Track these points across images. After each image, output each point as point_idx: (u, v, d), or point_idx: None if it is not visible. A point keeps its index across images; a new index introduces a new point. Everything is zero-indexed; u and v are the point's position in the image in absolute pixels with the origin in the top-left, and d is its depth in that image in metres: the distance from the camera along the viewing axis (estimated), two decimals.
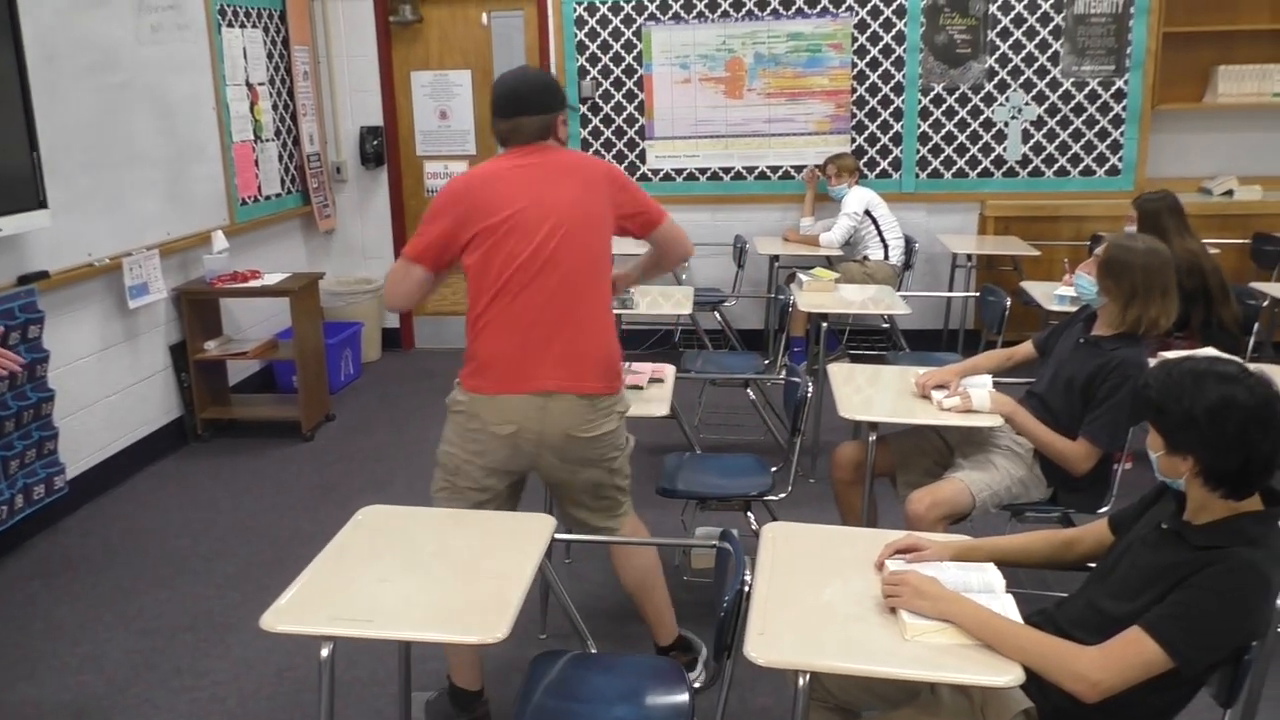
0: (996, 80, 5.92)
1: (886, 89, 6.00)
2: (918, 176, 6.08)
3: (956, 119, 5.99)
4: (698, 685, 2.76)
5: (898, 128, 6.04)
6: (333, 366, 5.49)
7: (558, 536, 2.34)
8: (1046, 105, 5.92)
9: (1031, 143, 5.98)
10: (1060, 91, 5.89)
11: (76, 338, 4.15)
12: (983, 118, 5.98)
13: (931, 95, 5.97)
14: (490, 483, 2.55)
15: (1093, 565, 2.01)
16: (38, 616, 3.31)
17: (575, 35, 6.09)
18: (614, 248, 2.63)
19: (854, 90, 6.02)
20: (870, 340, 6.09)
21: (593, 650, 2.54)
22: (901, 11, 5.89)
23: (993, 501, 2.86)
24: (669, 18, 6.02)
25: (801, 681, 1.74)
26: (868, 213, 5.57)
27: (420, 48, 6.25)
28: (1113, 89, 5.85)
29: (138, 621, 3.26)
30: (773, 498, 3.11)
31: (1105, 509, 2.91)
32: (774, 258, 5.95)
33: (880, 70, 5.98)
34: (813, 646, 1.75)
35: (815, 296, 4.57)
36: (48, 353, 3.83)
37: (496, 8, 6.13)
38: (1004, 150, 6.00)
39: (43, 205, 3.70)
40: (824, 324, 4.57)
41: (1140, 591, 1.76)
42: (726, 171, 6.19)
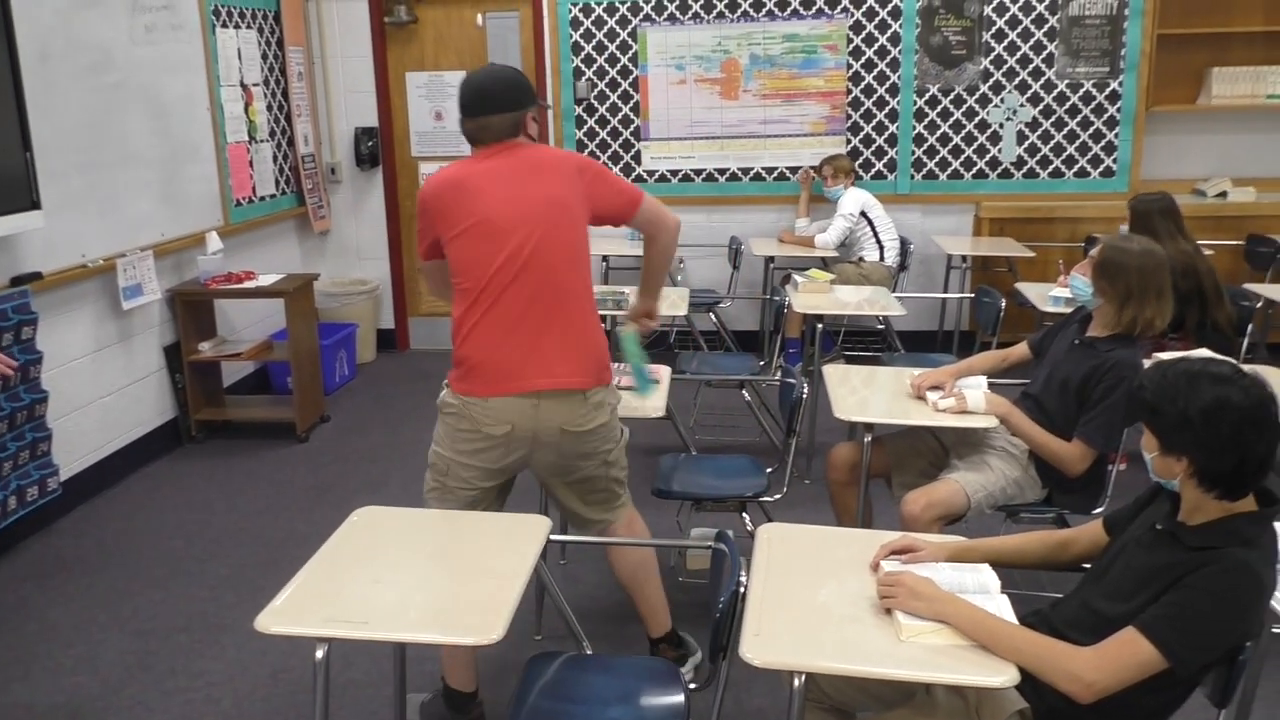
0: (991, 82, 5.93)
1: (882, 90, 6.00)
2: (913, 178, 6.09)
3: (951, 120, 5.99)
4: (692, 686, 2.75)
5: (893, 129, 6.04)
6: (327, 368, 5.48)
7: (553, 538, 2.34)
8: (1041, 107, 5.93)
9: (1026, 144, 5.99)
10: (1055, 93, 5.90)
11: (70, 339, 4.14)
12: (978, 119, 5.99)
13: (927, 97, 5.98)
14: (480, 483, 2.55)
15: (1087, 566, 2.01)
16: (32, 618, 3.30)
17: (570, 36, 6.09)
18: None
19: (849, 91, 6.02)
20: (865, 341, 6.09)
21: (588, 651, 2.53)
22: (897, 13, 5.90)
23: (988, 502, 2.87)
24: (664, 19, 6.02)
25: (797, 682, 1.74)
26: (863, 214, 5.57)
27: (415, 48, 6.25)
28: (1107, 90, 5.86)
29: (132, 623, 3.25)
30: (768, 499, 3.12)
31: (1100, 510, 2.91)
32: (769, 259, 5.94)
33: (875, 71, 5.98)
34: (808, 647, 1.75)
35: (810, 298, 4.57)
36: (41, 354, 3.81)
37: (491, 9, 6.13)
38: (999, 152, 6.01)
39: (36, 206, 3.68)
40: (819, 325, 4.58)
41: (1135, 592, 1.76)
42: (722, 173, 6.19)
